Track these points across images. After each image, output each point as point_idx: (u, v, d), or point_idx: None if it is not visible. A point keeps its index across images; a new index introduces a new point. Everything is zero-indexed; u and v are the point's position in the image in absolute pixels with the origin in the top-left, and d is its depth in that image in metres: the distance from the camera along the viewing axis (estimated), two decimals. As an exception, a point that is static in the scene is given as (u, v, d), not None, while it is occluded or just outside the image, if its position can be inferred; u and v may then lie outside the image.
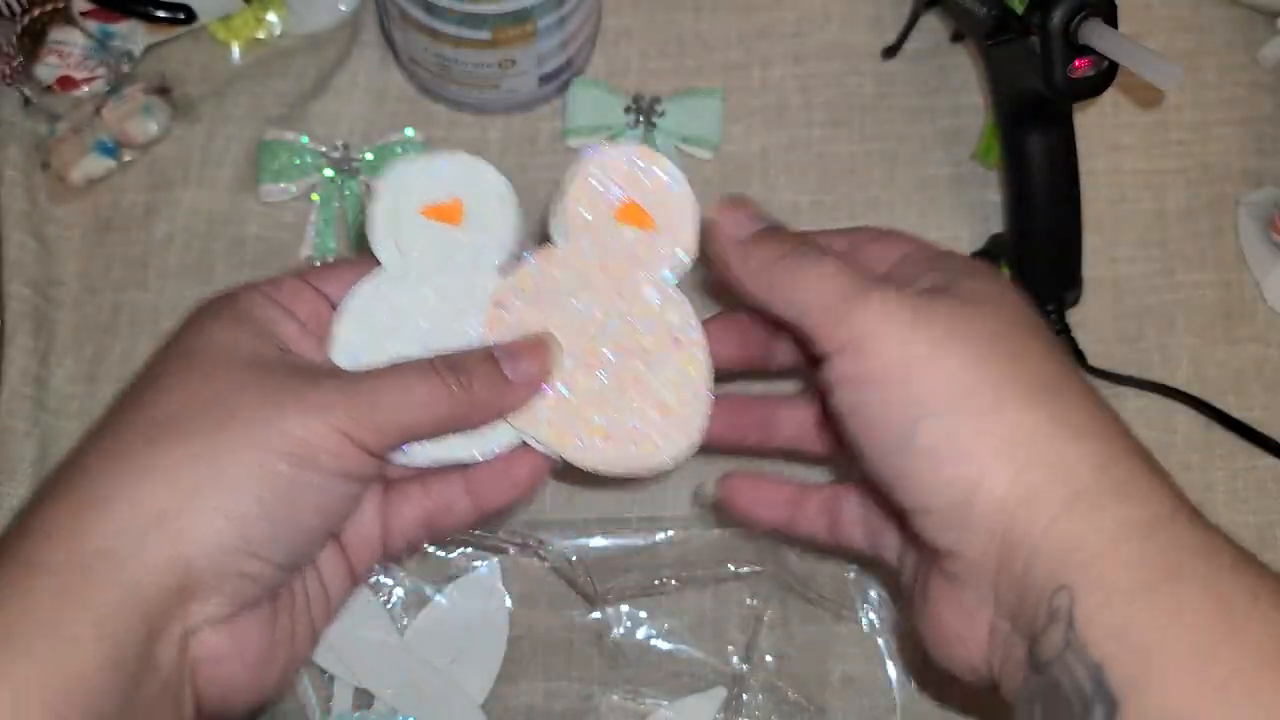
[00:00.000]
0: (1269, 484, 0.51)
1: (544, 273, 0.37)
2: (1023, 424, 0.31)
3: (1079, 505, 0.30)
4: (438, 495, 0.37)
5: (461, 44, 0.50)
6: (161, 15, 0.55)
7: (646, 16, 0.59)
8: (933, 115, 0.57)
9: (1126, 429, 0.33)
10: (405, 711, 0.45)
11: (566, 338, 0.37)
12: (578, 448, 0.36)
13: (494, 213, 0.37)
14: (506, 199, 0.38)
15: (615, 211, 0.37)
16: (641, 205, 0.37)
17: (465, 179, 0.37)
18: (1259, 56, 0.58)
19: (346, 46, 0.58)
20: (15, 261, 0.53)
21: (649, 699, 0.47)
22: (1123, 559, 0.29)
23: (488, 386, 0.35)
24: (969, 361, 0.32)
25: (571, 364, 0.37)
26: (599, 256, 0.37)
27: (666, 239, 0.37)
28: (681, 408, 0.36)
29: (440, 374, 0.34)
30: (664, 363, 0.37)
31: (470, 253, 0.37)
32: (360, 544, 0.37)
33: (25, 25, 0.56)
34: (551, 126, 0.57)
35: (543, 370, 0.36)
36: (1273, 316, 0.54)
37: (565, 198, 0.38)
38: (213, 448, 0.31)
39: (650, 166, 0.37)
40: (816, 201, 0.55)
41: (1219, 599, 0.28)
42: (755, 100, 0.57)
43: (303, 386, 0.32)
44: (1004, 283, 0.36)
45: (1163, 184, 0.56)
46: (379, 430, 0.32)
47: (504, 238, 0.37)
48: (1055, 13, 0.43)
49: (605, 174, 0.38)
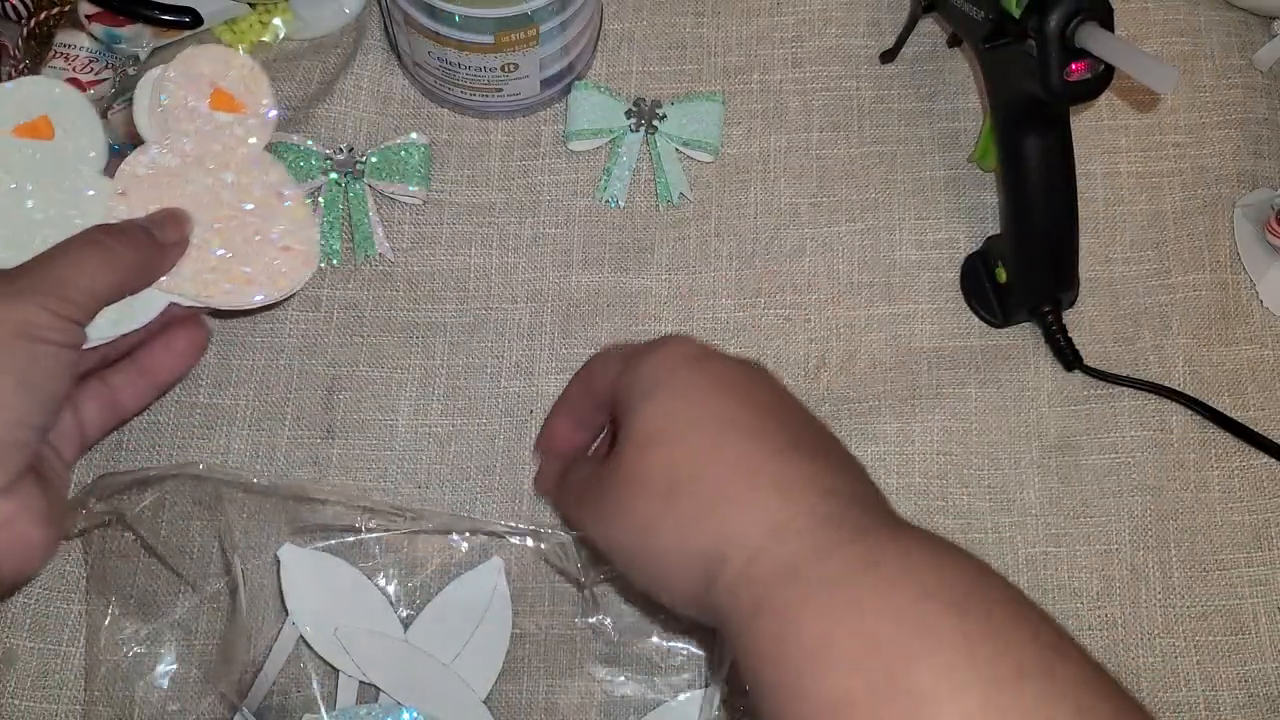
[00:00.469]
0: (1264, 483, 0.51)
1: (155, 163, 0.44)
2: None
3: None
4: (117, 384, 0.44)
5: (465, 48, 0.51)
6: (167, 19, 0.55)
7: (647, 21, 0.59)
8: (930, 118, 0.58)
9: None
10: (409, 705, 0.46)
11: (196, 209, 0.45)
12: (226, 293, 0.45)
13: (78, 120, 0.44)
14: (85, 107, 0.44)
15: (208, 102, 0.45)
16: (229, 93, 0.45)
17: (43, 99, 0.44)
18: (1254, 59, 0.58)
19: (351, 50, 0.58)
20: (22, 263, 0.53)
21: (649, 694, 0.48)
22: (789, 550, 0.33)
23: (147, 249, 0.42)
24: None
25: (201, 230, 0.45)
26: (201, 141, 0.45)
27: (254, 116, 0.46)
28: (299, 245, 0.46)
29: (103, 243, 0.41)
30: (276, 214, 0.46)
31: (71, 158, 0.44)
32: (63, 440, 0.42)
33: (32, 28, 0.56)
34: (553, 130, 0.57)
35: (182, 235, 0.44)
36: (1268, 317, 0.54)
37: (166, 97, 0.45)
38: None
39: (229, 61, 0.46)
40: (815, 203, 0.56)
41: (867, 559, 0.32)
42: (755, 104, 0.58)
43: (2, 284, 0.38)
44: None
45: (1159, 186, 0.56)
46: (75, 302, 0.39)
47: (95, 140, 0.44)
48: (1052, 17, 0.43)
49: (194, 73, 0.45)
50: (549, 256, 0.55)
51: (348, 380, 0.53)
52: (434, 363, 0.53)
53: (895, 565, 0.32)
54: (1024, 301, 0.52)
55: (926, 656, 0.29)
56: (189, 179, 0.45)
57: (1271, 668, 0.49)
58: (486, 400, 0.53)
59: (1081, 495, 0.51)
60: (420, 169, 0.54)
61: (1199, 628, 0.49)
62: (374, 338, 0.53)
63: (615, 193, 0.56)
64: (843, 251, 0.55)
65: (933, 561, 0.32)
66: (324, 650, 0.46)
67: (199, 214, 0.45)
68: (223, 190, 0.45)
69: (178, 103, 0.45)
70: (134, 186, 0.44)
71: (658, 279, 0.55)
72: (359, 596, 0.47)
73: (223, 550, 0.48)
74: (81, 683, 0.47)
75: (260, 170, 0.46)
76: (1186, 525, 0.51)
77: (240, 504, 0.48)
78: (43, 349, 0.38)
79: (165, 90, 0.44)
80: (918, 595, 0.31)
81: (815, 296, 0.54)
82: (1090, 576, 0.50)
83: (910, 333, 0.54)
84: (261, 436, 0.51)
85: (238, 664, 0.46)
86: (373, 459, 0.51)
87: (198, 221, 0.45)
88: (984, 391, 0.53)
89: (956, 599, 0.31)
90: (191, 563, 0.49)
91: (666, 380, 0.38)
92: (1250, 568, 0.50)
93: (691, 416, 0.37)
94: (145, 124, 0.46)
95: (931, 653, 0.30)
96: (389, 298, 0.54)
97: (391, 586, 0.48)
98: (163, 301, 0.44)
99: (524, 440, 0.52)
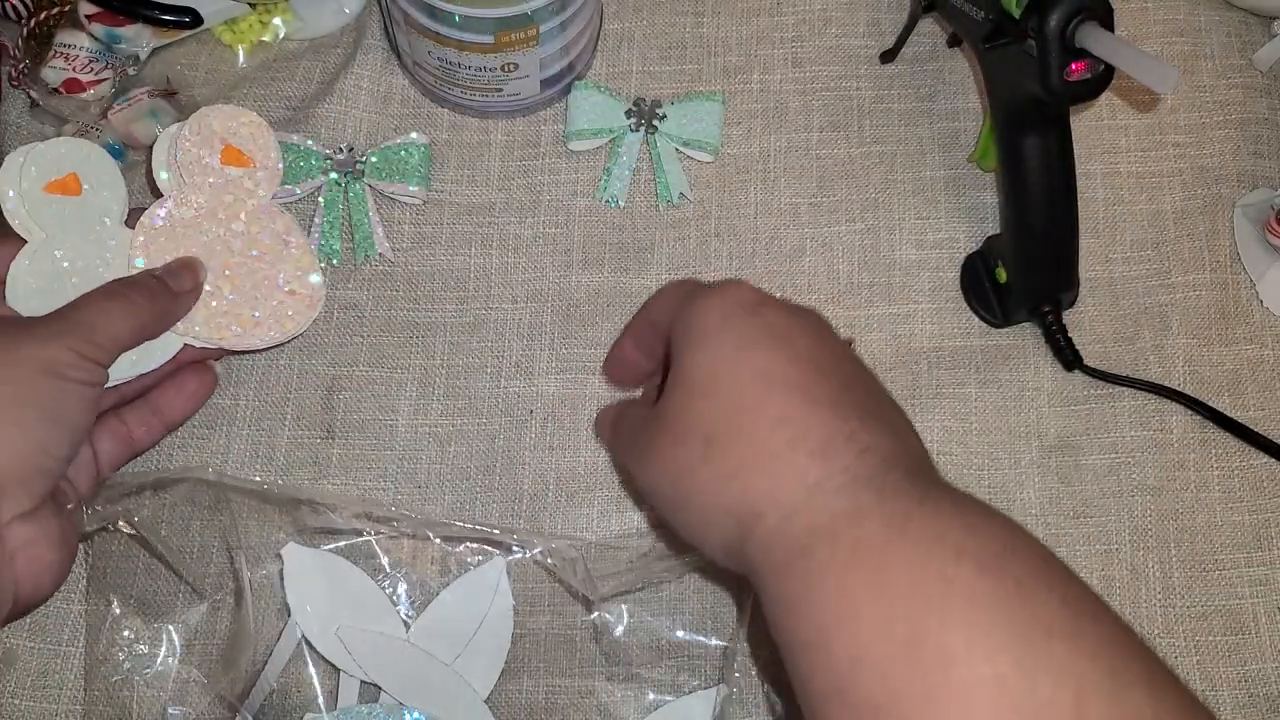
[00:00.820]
0: (1264, 483, 0.51)
1: (171, 216, 0.48)
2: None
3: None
4: (131, 422, 0.47)
5: (465, 48, 0.51)
6: (167, 19, 0.55)
7: (647, 21, 0.59)
8: (930, 119, 0.58)
9: None
10: (411, 705, 0.46)
11: (204, 258, 0.48)
12: (236, 335, 0.48)
13: (104, 177, 0.47)
14: (109, 165, 0.47)
15: (219, 157, 0.48)
16: (238, 149, 0.49)
17: (73, 157, 0.47)
18: (1254, 59, 0.58)
19: (351, 50, 0.58)
20: (22, 263, 0.53)
21: (650, 694, 0.48)
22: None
23: (162, 298, 0.45)
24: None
25: (213, 276, 0.48)
26: (214, 194, 0.48)
27: (263, 169, 0.49)
28: (302, 290, 0.49)
29: (123, 294, 0.44)
30: (283, 259, 0.49)
31: (95, 212, 0.47)
32: (79, 472, 0.45)
33: (32, 28, 0.56)
34: (553, 130, 0.57)
35: (195, 282, 0.47)
36: (1268, 317, 0.54)
37: (180, 154, 0.48)
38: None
39: (238, 118, 0.49)
40: (815, 203, 0.56)
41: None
42: (755, 104, 0.58)
43: (34, 328, 0.42)
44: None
45: (1159, 186, 0.56)
46: (99, 345, 0.42)
47: (118, 194, 0.47)
48: (1052, 17, 0.43)
49: (206, 131, 0.48)
50: (549, 256, 0.55)
51: (348, 380, 0.53)
52: (434, 363, 0.53)
53: (926, 527, 0.32)
54: (1024, 301, 0.52)
55: (958, 617, 0.30)
56: (202, 229, 0.48)
57: (1271, 668, 0.49)
58: (486, 400, 0.53)
59: (1081, 495, 0.51)
60: (420, 169, 0.54)
61: (1199, 628, 0.49)
62: (374, 338, 0.53)
63: (615, 193, 0.56)
64: (843, 251, 0.55)
65: (964, 522, 0.32)
66: (325, 650, 0.46)
67: (211, 262, 0.48)
68: (233, 239, 0.49)
69: (191, 159, 0.48)
70: (152, 238, 0.48)
71: (658, 279, 0.55)
72: (361, 596, 0.47)
73: (228, 553, 0.49)
74: (81, 683, 0.47)
75: (268, 219, 0.49)
76: (1186, 525, 0.51)
77: (245, 507, 0.48)
78: (67, 386, 0.41)
79: (180, 148, 0.48)
80: (949, 556, 0.31)
81: (815, 296, 0.54)
82: (1090, 576, 0.50)
83: (910, 333, 0.54)
84: (261, 436, 0.51)
85: (241, 666, 0.46)
86: (373, 459, 0.51)
87: (210, 269, 0.48)
88: (984, 391, 0.53)
89: (987, 561, 0.31)
90: (194, 565, 0.49)
91: (718, 329, 0.38)
92: (1250, 568, 0.50)
93: (737, 369, 0.37)
94: (164, 179, 0.49)
95: (963, 614, 0.30)
96: (389, 298, 0.54)
97: (393, 586, 0.48)
98: (178, 345, 0.48)
99: (524, 440, 0.52)
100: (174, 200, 0.48)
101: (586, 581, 0.46)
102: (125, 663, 0.47)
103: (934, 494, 0.34)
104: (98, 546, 0.48)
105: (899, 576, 0.31)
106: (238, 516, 0.48)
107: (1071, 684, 0.29)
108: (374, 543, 0.48)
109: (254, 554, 0.48)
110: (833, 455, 0.34)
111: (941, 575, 0.31)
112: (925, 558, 0.31)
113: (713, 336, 0.38)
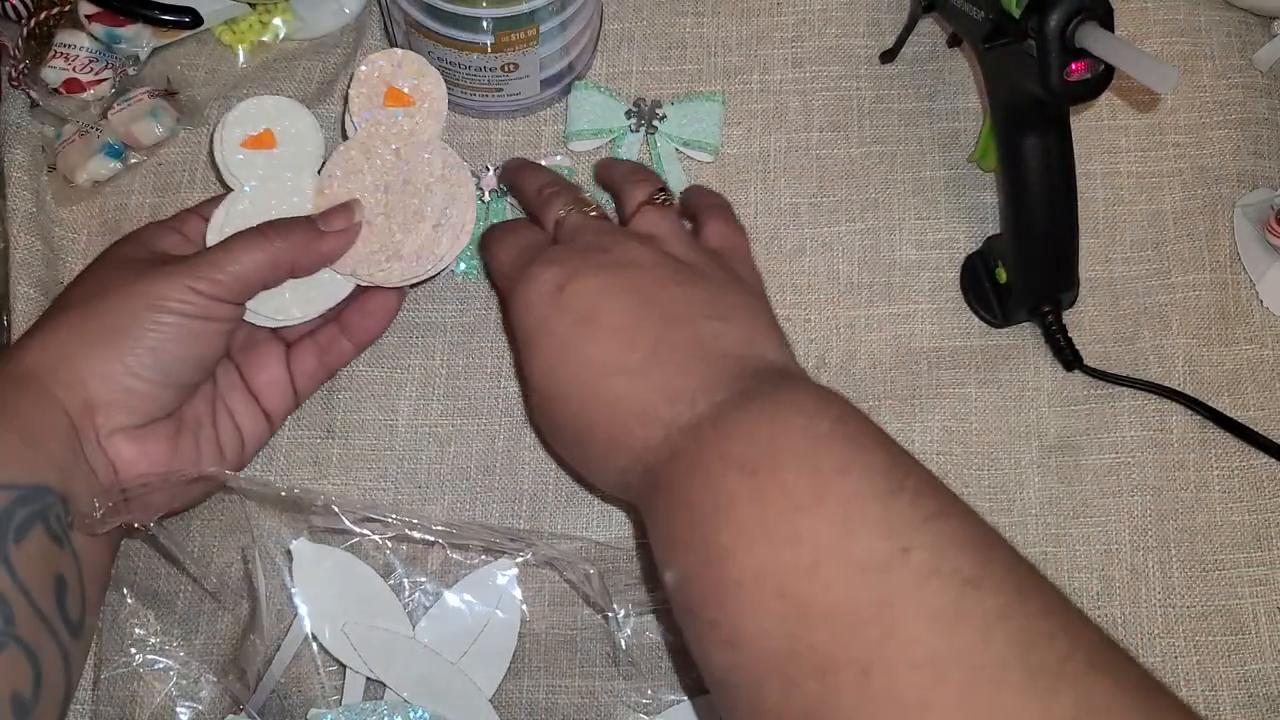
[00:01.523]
0: (1264, 483, 0.51)
1: (345, 157, 0.50)
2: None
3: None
4: (324, 341, 0.50)
5: (465, 48, 0.51)
6: (167, 19, 0.55)
7: (647, 21, 0.59)
8: (930, 119, 0.58)
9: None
10: (416, 703, 0.46)
11: (368, 197, 0.49)
12: (390, 271, 0.49)
13: (301, 132, 0.50)
14: (308, 120, 0.50)
15: (384, 99, 0.50)
16: (402, 90, 0.50)
17: (276, 113, 0.50)
18: (1254, 59, 0.58)
19: (351, 50, 0.58)
20: (22, 263, 0.53)
21: (654, 695, 0.48)
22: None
23: (303, 236, 0.47)
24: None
25: (372, 214, 0.49)
26: (380, 135, 0.50)
27: (424, 109, 0.50)
28: (455, 217, 0.50)
29: (263, 233, 0.46)
30: (434, 192, 0.49)
31: (290, 164, 0.50)
32: (271, 388, 0.49)
33: (32, 28, 0.56)
34: (554, 130, 0.57)
35: (349, 223, 0.48)
36: (1268, 317, 0.54)
37: (350, 101, 0.50)
38: (98, 310, 0.44)
39: (401, 64, 0.50)
40: (815, 203, 0.56)
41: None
42: (755, 104, 0.58)
43: (162, 265, 0.45)
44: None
45: (1159, 186, 0.56)
46: (217, 280, 0.44)
47: (313, 148, 0.50)
48: (1052, 17, 0.43)
49: (370, 74, 0.50)
50: (549, 256, 0.55)
51: (348, 380, 0.53)
52: (434, 363, 0.53)
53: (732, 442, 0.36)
54: (1024, 301, 0.52)
55: (820, 474, 0.34)
56: (365, 169, 0.50)
57: (1271, 668, 0.49)
58: (486, 400, 0.53)
59: (1081, 495, 0.51)
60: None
61: (1199, 628, 0.49)
62: (374, 338, 0.53)
63: (615, 193, 0.56)
64: (843, 251, 0.55)
65: (816, 404, 0.37)
66: (332, 646, 0.46)
67: (373, 199, 0.50)
68: (391, 178, 0.50)
69: (358, 105, 0.50)
70: (328, 184, 0.50)
71: (658, 279, 0.55)
72: (369, 593, 0.47)
73: (240, 551, 0.49)
74: (82, 683, 0.47)
75: (431, 155, 0.50)
76: (1186, 525, 0.51)
77: (255, 506, 0.48)
78: (167, 319, 0.43)
79: (350, 96, 0.50)
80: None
81: (815, 296, 0.54)
82: (1090, 576, 0.50)
83: (910, 333, 0.54)
84: (261, 436, 0.52)
85: (253, 663, 0.46)
86: (373, 459, 0.51)
87: (369, 207, 0.49)
88: (984, 391, 0.53)
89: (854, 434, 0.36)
90: (203, 564, 0.49)
91: (537, 330, 0.42)
92: (1250, 568, 0.50)
93: (565, 372, 0.41)
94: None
95: (833, 475, 0.34)
96: (389, 298, 0.54)
97: (400, 583, 0.48)
98: (346, 287, 0.49)
99: (524, 440, 0.52)
100: (343, 145, 0.50)
101: (603, 594, 0.46)
102: (136, 657, 0.47)
103: (737, 409, 0.38)
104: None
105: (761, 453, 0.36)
106: (250, 519, 0.47)
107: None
108: (382, 542, 0.48)
109: (265, 551, 0.48)
110: (650, 418, 0.39)
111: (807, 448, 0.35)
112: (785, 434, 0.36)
113: (536, 339, 0.42)
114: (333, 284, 0.49)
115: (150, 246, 0.48)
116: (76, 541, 0.42)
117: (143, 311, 0.43)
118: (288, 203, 0.49)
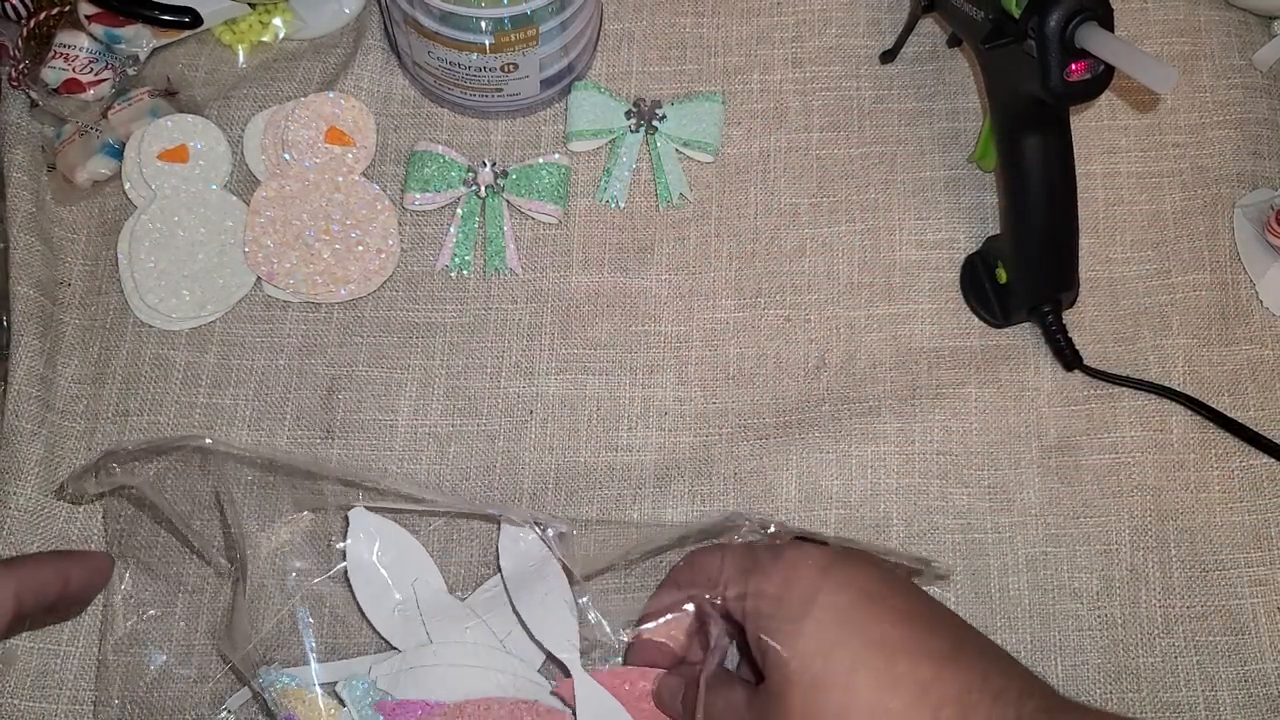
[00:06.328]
0: (1264, 483, 0.51)
1: (281, 186, 0.54)
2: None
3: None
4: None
5: (465, 48, 0.51)
6: (167, 19, 0.55)
7: (647, 21, 0.59)
8: (930, 119, 0.58)
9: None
10: (464, 674, 0.45)
11: (308, 223, 0.53)
12: (331, 292, 0.53)
13: (213, 149, 0.55)
14: (220, 138, 0.55)
15: (324, 137, 0.54)
16: (341, 129, 0.55)
17: (190, 130, 0.55)
18: (1254, 59, 0.58)
19: (351, 51, 0.58)
20: (22, 263, 0.53)
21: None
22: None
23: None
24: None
25: (313, 240, 0.53)
26: (317, 169, 0.54)
27: (360, 147, 0.55)
28: (388, 245, 0.54)
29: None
30: (372, 222, 0.54)
31: (201, 180, 0.54)
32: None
33: (32, 29, 0.56)
34: (553, 130, 0.57)
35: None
36: (1268, 317, 0.54)
37: (288, 133, 0.54)
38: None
39: (340, 101, 0.55)
40: (815, 204, 0.56)
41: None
42: (755, 104, 0.58)
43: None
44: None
45: (1159, 186, 0.56)
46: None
47: (225, 167, 0.55)
48: (1052, 17, 0.43)
49: (313, 113, 0.55)
50: (549, 256, 0.55)
51: (348, 380, 0.53)
52: (434, 363, 0.53)
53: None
54: (1024, 301, 0.52)
55: None
56: (305, 199, 0.54)
57: (1271, 668, 0.49)
58: (486, 400, 0.53)
59: (1081, 495, 0.51)
60: (559, 188, 0.55)
61: (1199, 628, 0.49)
62: (374, 338, 0.53)
63: (615, 193, 0.56)
64: (843, 251, 0.55)
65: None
66: (374, 616, 0.46)
67: (312, 226, 0.54)
68: (332, 208, 0.54)
69: (300, 139, 0.54)
70: (263, 208, 0.54)
71: (658, 279, 0.55)
72: (417, 565, 0.47)
73: (225, 528, 0.48)
74: (82, 683, 0.48)
75: (362, 190, 0.54)
76: (1186, 525, 0.51)
77: (246, 481, 0.47)
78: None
79: (289, 129, 0.54)
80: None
81: (815, 296, 0.54)
82: (1090, 576, 0.50)
83: (910, 333, 0.54)
84: (261, 436, 0.52)
85: (243, 638, 0.46)
86: (373, 459, 0.51)
87: (310, 233, 0.54)
88: (984, 391, 0.53)
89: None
90: (199, 534, 0.49)
91: (805, 608, 0.37)
92: (1250, 568, 0.50)
93: (853, 650, 0.36)
94: (255, 160, 0.55)
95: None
96: (389, 298, 0.54)
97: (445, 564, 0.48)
98: (242, 291, 0.54)
99: (524, 440, 0.52)
100: (282, 174, 0.54)
101: (572, 559, 0.46)
102: (140, 627, 0.47)
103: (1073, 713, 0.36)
104: (111, 510, 0.48)
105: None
106: (237, 493, 0.47)
107: None
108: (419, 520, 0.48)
109: (256, 529, 0.48)
110: (974, 702, 0.35)
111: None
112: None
113: (809, 619, 0.36)
114: (228, 290, 0.53)
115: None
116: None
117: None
118: (205, 216, 0.54)
